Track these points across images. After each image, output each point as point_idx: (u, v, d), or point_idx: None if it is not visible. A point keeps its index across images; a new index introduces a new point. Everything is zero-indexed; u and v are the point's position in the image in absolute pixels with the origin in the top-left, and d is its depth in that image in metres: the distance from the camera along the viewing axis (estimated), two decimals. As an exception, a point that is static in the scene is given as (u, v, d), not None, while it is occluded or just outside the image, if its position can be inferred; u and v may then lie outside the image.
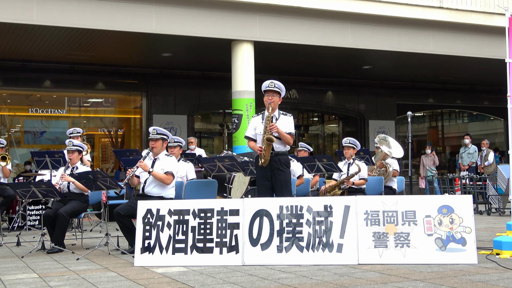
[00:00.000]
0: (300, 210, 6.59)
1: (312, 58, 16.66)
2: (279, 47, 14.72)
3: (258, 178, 7.78)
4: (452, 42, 15.78)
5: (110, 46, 14.71)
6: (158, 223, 6.74)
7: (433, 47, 15.59)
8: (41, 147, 17.97)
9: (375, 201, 6.54)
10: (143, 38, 14.07)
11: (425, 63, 17.47)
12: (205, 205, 6.75)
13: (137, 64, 17.31)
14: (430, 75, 20.02)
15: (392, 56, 16.26)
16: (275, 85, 7.66)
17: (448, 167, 23.42)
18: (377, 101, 21.18)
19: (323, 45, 14.58)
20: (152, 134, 8.08)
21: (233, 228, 6.59)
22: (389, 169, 11.22)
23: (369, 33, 14.89)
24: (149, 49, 15.45)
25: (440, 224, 6.37)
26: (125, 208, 7.72)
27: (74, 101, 18.76)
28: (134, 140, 19.11)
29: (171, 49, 15.32)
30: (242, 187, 10.73)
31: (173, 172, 7.95)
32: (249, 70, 13.77)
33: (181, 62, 17.16)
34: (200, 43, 14.41)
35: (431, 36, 15.54)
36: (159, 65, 17.59)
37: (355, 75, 20.02)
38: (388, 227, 6.43)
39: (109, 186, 7.91)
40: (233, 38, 13.78)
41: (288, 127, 7.68)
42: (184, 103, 18.30)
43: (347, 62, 17.71)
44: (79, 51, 15.21)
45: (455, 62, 17.18)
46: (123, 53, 15.61)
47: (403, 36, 15.25)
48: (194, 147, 13.91)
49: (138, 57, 16.46)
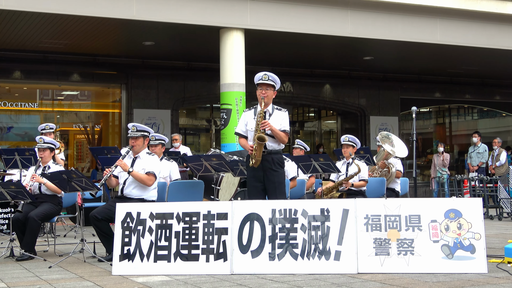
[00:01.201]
0: (295, 214, 6.59)
1: (308, 48, 16.66)
2: (272, 35, 14.72)
3: (249, 179, 7.77)
4: (461, 31, 15.83)
5: (87, 33, 14.66)
6: (138, 227, 6.73)
7: (441, 37, 15.63)
8: (9, 144, 17.90)
9: (376, 205, 6.56)
10: (123, 25, 14.03)
11: (431, 54, 17.52)
12: (190, 208, 6.75)
13: (116, 53, 17.27)
14: (437, 67, 20.08)
15: (395, 46, 16.29)
16: (269, 78, 7.64)
17: (456, 167, 23.52)
18: (379, 95, 21.23)
19: (320, 33, 14.59)
20: (132, 132, 8.06)
21: (221, 234, 6.59)
22: (391, 169, 11.24)
23: (370, 21, 14.91)
24: (130, 37, 15.41)
25: (447, 229, 6.39)
26: (102, 212, 7.70)
27: (47, 93, 18.68)
28: (113, 137, 19.06)
29: (153, 37, 15.29)
30: (231, 188, 10.73)
31: (155, 172, 7.95)
32: (239, 61, 13.76)
33: (164, 51, 17.13)
34: (185, 31, 14.39)
35: (439, 25, 15.58)
36: (140, 55, 17.55)
37: (355, 67, 20.05)
38: (391, 233, 6.44)
39: (85, 187, 7.88)
40: (221, 26, 13.77)
41: (283, 124, 7.66)
42: (168, 96, 18.27)
43: (346, 53, 17.73)
44: (53, 39, 15.15)
45: (465, 53, 17.23)
46: (101, 41, 15.56)
47: (408, 24, 15.28)
48: (179, 145, 13.88)
49: (117, 46, 16.41)
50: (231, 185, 10.68)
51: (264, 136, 7.42)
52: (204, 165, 9.46)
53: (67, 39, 15.18)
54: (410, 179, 12.53)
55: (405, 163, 16.64)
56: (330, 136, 23.45)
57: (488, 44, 16.17)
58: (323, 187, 10.19)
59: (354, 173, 10.05)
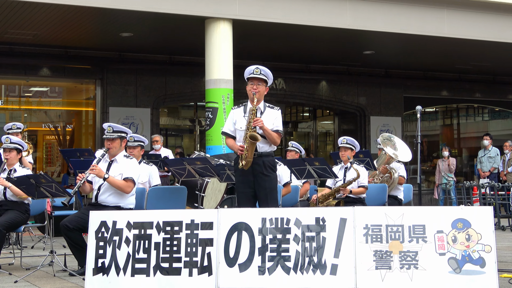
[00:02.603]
0: (287, 224, 6.59)
1: (302, 41, 16.68)
2: (263, 26, 14.72)
3: (237, 185, 7.76)
4: (471, 23, 15.89)
5: (58, 23, 14.62)
6: (114, 238, 6.70)
7: (448, 29, 15.69)
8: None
9: (376, 214, 6.56)
10: (97, 14, 14.00)
11: (438, 48, 17.58)
12: (171, 216, 6.73)
13: (91, 45, 17.23)
14: (444, 63, 20.15)
15: (398, 39, 16.34)
16: (261, 72, 7.63)
17: (465, 173, 23.61)
18: (380, 93, 21.29)
19: (316, 25, 14.61)
20: (108, 133, 8.02)
21: (206, 245, 6.57)
22: (394, 175, 11.27)
23: (371, 12, 14.95)
24: (105, 28, 15.38)
25: (455, 241, 6.41)
26: (74, 220, 7.68)
27: (13, 90, 18.63)
28: (86, 138, 19.02)
29: (131, 28, 15.27)
30: (216, 195, 10.72)
31: (133, 178, 7.94)
32: (226, 55, 13.76)
33: (144, 44, 17.10)
34: (167, 21, 14.37)
35: (446, 16, 15.64)
36: (117, 47, 17.52)
37: (354, 62, 20.10)
38: (392, 245, 6.45)
39: (55, 193, 7.86)
40: (207, 16, 13.76)
41: (275, 123, 7.65)
42: (147, 93, 18.25)
43: (344, 46, 17.77)
44: (20, 29, 15.11)
45: (475, 48, 17.30)
46: (73, 32, 15.52)
47: (412, 15, 15.33)
48: (159, 147, 13.88)
49: (91, 37, 16.38)
50: (217, 191, 10.67)
51: (256, 134, 7.37)
52: (187, 169, 9.45)
53: (36, 29, 15.14)
54: (414, 186, 12.57)
55: (408, 168, 16.68)
56: (326, 138, 23.49)
57: (500, 38, 16.24)
58: (318, 194, 10.19)
59: (353, 179, 10.06)
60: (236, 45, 14.06)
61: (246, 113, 7.65)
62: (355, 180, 10.06)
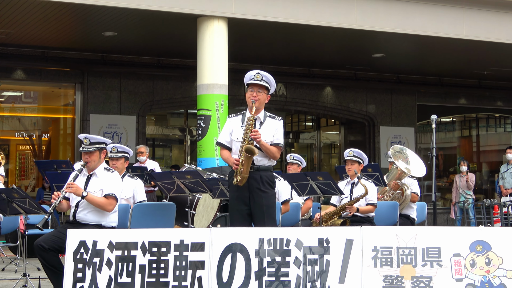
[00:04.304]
0: (287, 245, 6.59)
1: (305, 42, 16.72)
2: (262, 26, 14.74)
3: (231, 201, 7.75)
4: (492, 24, 15.93)
5: (34, 20, 14.64)
6: (94, 260, 6.70)
7: (467, 30, 15.72)
8: None
9: (387, 234, 6.57)
10: (78, 11, 14.02)
11: (455, 52, 17.61)
12: (158, 236, 6.73)
13: (70, 46, 17.24)
14: (462, 67, 20.19)
15: (412, 41, 16.37)
16: (263, 78, 7.63)
17: (485, 190, 23.61)
18: (391, 100, 21.32)
19: (321, 24, 14.63)
20: (84, 145, 7.97)
21: (196, 268, 6.57)
22: (406, 191, 11.28)
23: (382, 10, 14.98)
24: (86, 27, 15.40)
25: (473, 265, 6.41)
26: (50, 240, 7.67)
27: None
28: (64, 148, 19.00)
29: (115, 26, 15.28)
30: (209, 213, 10.72)
31: (115, 194, 7.89)
32: (220, 57, 13.76)
33: (129, 44, 17.12)
34: (155, 19, 14.39)
35: (465, 16, 15.67)
36: (99, 48, 17.54)
37: (362, 66, 20.13)
38: (404, 269, 6.46)
39: (29, 210, 7.85)
40: (200, 13, 13.78)
41: (276, 136, 7.65)
42: (133, 99, 18.26)
43: (352, 48, 17.80)
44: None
45: (496, 51, 17.34)
46: (51, 30, 15.53)
47: (427, 15, 15.36)
48: (145, 159, 13.88)
49: (71, 36, 16.39)
50: (209, 208, 10.67)
51: (253, 148, 7.35)
52: (176, 183, 9.45)
53: (9, 27, 15.15)
54: (428, 204, 12.57)
55: (422, 185, 16.70)
56: (331, 150, 23.50)
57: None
58: (322, 213, 10.20)
59: (360, 196, 10.06)
60: (232, 47, 14.07)
61: (244, 122, 7.64)
62: (363, 197, 10.06)
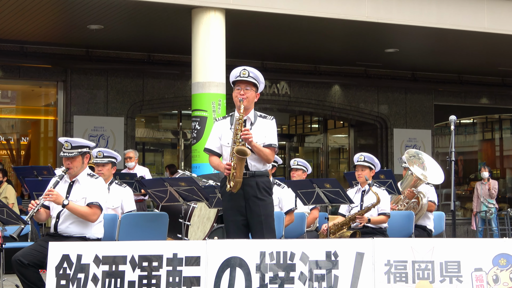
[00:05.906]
0: (291, 259, 6.59)
1: (311, 36, 16.74)
2: (263, 18, 14.77)
3: (226, 212, 7.74)
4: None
5: (12, 13, 14.66)
6: (79, 276, 6.70)
7: (489, 23, 15.75)
8: None
9: (401, 247, 6.57)
10: (60, 2, 14.04)
11: (476, 46, 17.64)
12: (149, 250, 6.73)
13: (52, 40, 17.27)
14: (483, 64, 20.21)
15: (428, 35, 16.40)
16: (249, 74, 7.64)
17: (509, 199, 23.60)
18: (405, 100, 21.33)
19: (328, 17, 14.65)
20: (65, 149, 7.95)
21: (191, 285, 6.58)
22: (422, 200, 11.28)
23: (395, 1, 15.00)
24: (70, 19, 15.42)
25: (496, 281, 6.41)
26: (29, 254, 7.66)
27: (-44, 94, 18.67)
28: (45, 153, 19.01)
29: (101, 19, 15.30)
30: (205, 224, 10.72)
31: (99, 203, 7.88)
32: (217, 53, 13.78)
33: (116, 38, 17.14)
34: (145, 11, 14.42)
35: (486, 7, 15.70)
36: (84, 43, 17.56)
37: (374, 62, 20.15)
38: (420, 285, 6.46)
39: (7, 220, 7.85)
40: (194, 4, 13.79)
41: (268, 136, 7.64)
42: (121, 99, 18.27)
43: (362, 43, 17.82)
44: (-35, 20, 15.18)
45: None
46: (31, 24, 15.56)
47: (445, 6, 15.39)
48: (134, 165, 13.89)
49: (53, 30, 16.41)
50: (205, 219, 10.67)
51: (245, 149, 7.31)
52: (169, 191, 9.45)
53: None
54: (447, 214, 12.57)
55: (440, 193, 16.70)
56: (339, 155, 23.51)
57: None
58: (329, 223, 10.20)
59: (372, 205, 10.06)
60: (230, 41, 14.10)
61: (233, 125, 7.65)
62: (375, 206, 10.06)
